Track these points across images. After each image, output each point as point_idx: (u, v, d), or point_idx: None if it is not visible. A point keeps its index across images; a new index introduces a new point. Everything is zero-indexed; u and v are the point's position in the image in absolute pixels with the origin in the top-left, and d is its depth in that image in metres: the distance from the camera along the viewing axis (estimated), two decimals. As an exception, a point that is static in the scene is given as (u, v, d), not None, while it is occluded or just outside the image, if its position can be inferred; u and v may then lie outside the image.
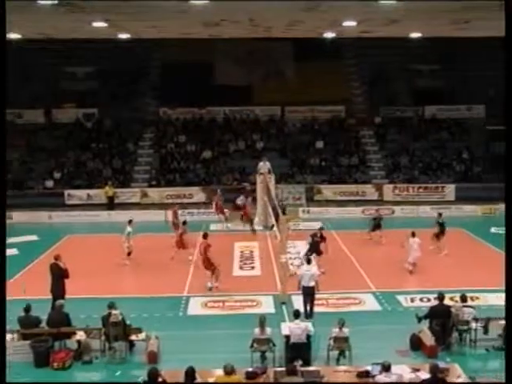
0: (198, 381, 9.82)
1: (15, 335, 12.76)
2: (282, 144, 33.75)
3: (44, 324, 13.03)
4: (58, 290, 14.64)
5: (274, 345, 12.23)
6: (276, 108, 35.91)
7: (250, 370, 10.70)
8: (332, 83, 35.55)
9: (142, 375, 10.59)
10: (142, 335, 12.96)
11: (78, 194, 29.89)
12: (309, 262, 15.38)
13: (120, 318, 12.68)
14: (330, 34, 21.58)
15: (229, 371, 9.94)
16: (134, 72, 36.58)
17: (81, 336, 12.86)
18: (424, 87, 36.59)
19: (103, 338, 12.77)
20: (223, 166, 32.36)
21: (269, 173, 25.73)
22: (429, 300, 15.62)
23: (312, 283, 14.63)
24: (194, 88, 33.97)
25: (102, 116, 35.17)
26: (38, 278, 14.96)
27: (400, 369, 10.53)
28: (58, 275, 14.76)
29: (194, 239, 21.16)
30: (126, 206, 29.03)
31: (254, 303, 16.09)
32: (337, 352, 12.34)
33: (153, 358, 12.33)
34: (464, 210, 28.52)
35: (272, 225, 19.97)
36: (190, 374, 9.70)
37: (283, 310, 15.38)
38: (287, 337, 12.14)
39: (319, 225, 19.94)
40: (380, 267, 19.14)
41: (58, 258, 15.10)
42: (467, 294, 13.96)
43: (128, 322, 12.94)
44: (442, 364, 10.58)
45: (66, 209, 28.71)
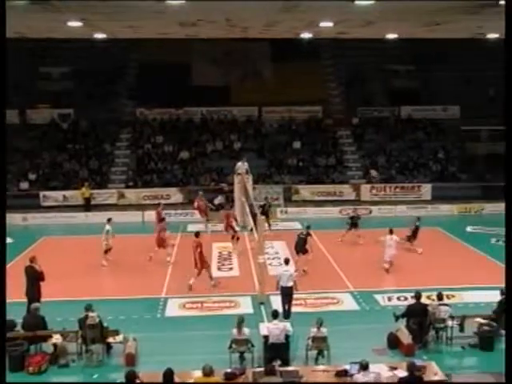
0: (176, 382, 9.77)
1: (-11, 339, 12.57)
2: (260, 144, 33.78)
3: (19, 327, 12.86)
4: (33, 293, 14.44)
5: (252, 345, 12.23)
6: (253, 108, 35.91)
7: (228, 370, 10.68)
8: (309, 84, 35.69)
9: (119, 378, 10.51)
10: (120, 337, 12.85)
11: (54, 196, 29.53)
12: (287, 262, 15.39)
13: (97, 320, 12.56)
14: (306, 35, 21.67)
15: (207, 372, 9.91)
16: (111, 72, 36.26)
17: (57, 339, 12.69)
18: (400, 87, 36.96)
19: (80, 340, 12.63)
20: (201, 167, 32.26)
21: (246, 173, 25.71)
22: (406, 299, 15.76)
23: (290, 283, 14.64)
24: (171, 88, 33.86)
25: (78, 117, 34.80)
26: (12, 280, 14.72)
27: (378, 367, 10.60)
28: (34, 278, 14.55)
29: (172, 240, 21.16)
30: (102, 208, 28.76)
31: (233, 304, 16.07)
32: (315, 352, 12.37)
33: (130, 360, 12.23)
34: (440, 209, 28.83)
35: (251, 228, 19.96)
36: (169, 375, 9.65)
37: (261, 311, 15.38)
38: (266, 337, 12.14)
39: (298, 225, 19.97)
40: (358, 267, 19.25)
41: (33, 260, 14.87)
42: (443, 293, 14.07)
43: (105, 325, 12.81)
44: (418, 362, 10.70)
45: (42, 210, 28.35)
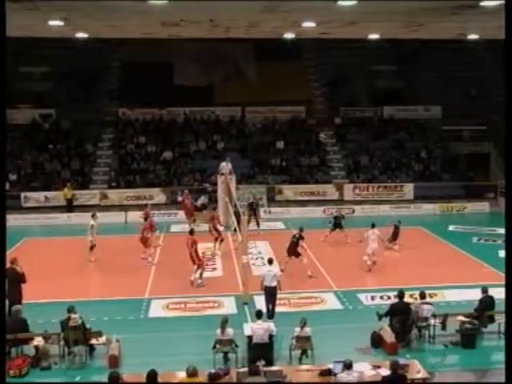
0: (160, 383, 9.72)
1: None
2: (243, 144, 33.77)
3: (0, 330, 12.71)
4: (14, 295, 14.24)
5: (236, 345, 12.22)
6: (236, 108, 35.90)
7: (212, 371, 10.64)
8: (292, 84, 35.77)
9: (102, 380, 10.42)
10: (103, 339, 12.74)
11: (35, 197, 29.27)
12: (270, 262, 15.39)
13: (80, 321, 12.45)
14: (289, 35, 21.69)
15: (191, 373, 9.87)
16: (93, 72, 35.97)
17: (39, 341, 12.55)
18: (383, 88, 37.20)
19: (62, 342, 12.49)
20: (184, 167, 32.18)
21: (230, 173, 25.69)
22: (389, 298, 15.84)
23: (274, 283, 14.65)
24: (154, 88, 33.68)
25: (60, 117, 34.53)
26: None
27: (361, 366, 10.64)
28: (15, 279, 14.37)
29: (158, 240, 21.12)
30: (85, 208, 28.53)
31: (216, 304, 16.03)
32: (299, 351, 12.38)
33: (114, 361, 12.13)
34: (422, 208, 29.05)
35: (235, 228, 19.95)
36: (152, 376, 9.58)
37: (245, 311, 15.37)
38: (249, 337, 12.13)
39: (282, 225, 19.97)
40: (341, 266, 19.31)
41: (14, 261, 14.68)
42: (426, 291, 14.18)
43: (88, 326, 12.69)
44: (402, 360, 10.75)
45: (23, 212, 28.06)
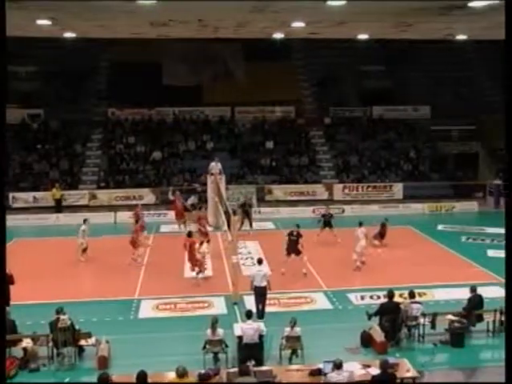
0: (149, 384, 9.70)
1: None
2: (233, 144, 33.75)
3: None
4: (2, 296, 14.18)
5: (226, 346, 12.20)
6: (226, 108, 35.90)
7: (202, 371, 10.63)
8: (282, 84, 35.80)
9: (92, 381, 10.38)
10: (92, 340, 12.67)
11: (24, 197, 29.09)
12: (260, 262, 15.39)
13: (69, 323, 12.37)
14: (278, 35, 21.72)
15: (181, 374, 9.86)
16: (81, 72, 35.83)
17: (27, 343, 12.47)
18: (372, 88, 37.31)
19: (51, 344, 12.42)
20: (173, 167, 32.12)
21: (219, 173, 25.66)
22: (378, 297, 15.88)
23: (264, 283, 14.65)
24: (143, 88, 33.59)
25: (48, 117, 34.35)
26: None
27: (351, 366, 10.66)
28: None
29: (148, 240, 21.04)
30: (74, 209, 28.44)
31: (206, 304, 16.01)
32: (289, 351, 12.39)
33: (103, 362, 12.08)
34: (411, 208, 29.14)
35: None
36: (142, 377, 9.56)
37: (235, 311, 15.35)
38: (240, 337, 12.12)
39: (272, 225, 19.97)
40: (330, 266, 19.34)
41: (2, 262, 14.62)
42: (415, 290, 14.24)
43: (77, 327, 12.63)
44: (391, 359, 10.77)
45: (12, 212, 27.74)
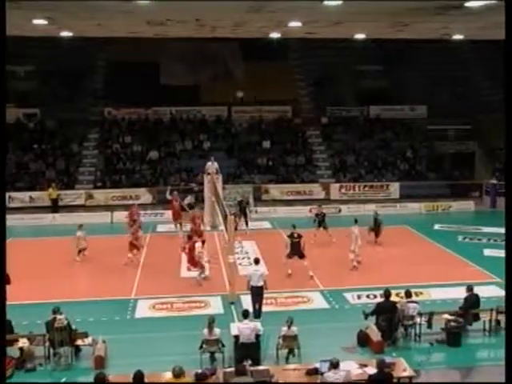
0: (146, 384, 9.69)
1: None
2: (229, 144, 33.76)
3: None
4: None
5: (223, 345, 12.19)
6: (223, 108, 35.90)
7: (199, 371, 10.61)
8: (278, 83, 35.83)
9: (88, 381, 10.36)
10: (89, 340, 12.65)
11: (20, 197, 29.04)
12: (257, 262, 15.38)
13: (65, 322, 12.34)
14: (275, 35, 21.72)
15: (177, 374, 9.83)
16: (78, 71, 35.79)
17: (24, 343, 12.44)
18: (369, 87, 37.38)
19: (47, 344, 12.40)
20: (170, 167, 32.10)
21: (216, 173, 25.65)
22: (375, 297, 15.90)
23: (261, 283, 14.65)
24: (139, 88, 33.58)
25: (45, 116, 34.30)
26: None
27: (348, 365, 10.65)
28: (-1, 280, 14.27)
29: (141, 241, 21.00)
30: (70, 209, 28.40)
31: (203, 304, 16.00)
32: (286, 351, 12.38)
33: (100, 362, 12.06)
34: (408, 207, 29.17)
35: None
36: (139, 377, 9.55)
37: (232, 310, 15.35)
38: (236, 337, 12.12)
39: (268, 224, 19.96)
40: (327, 265, 19.34)
41: (-2, 262, 14.59)
42: (412, 290, 14.25)
43: (74, 327, 12.60)
44: (388, 359, 10.79)
45: (8, 212, 27.59)
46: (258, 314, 14.40)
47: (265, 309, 14.80)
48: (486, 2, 14.20)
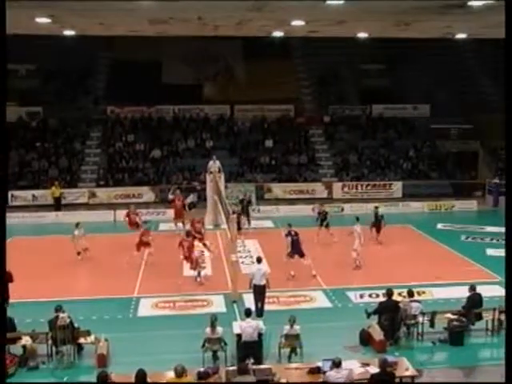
0: (149, 383, 9.68)
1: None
2: (232, 143, 33.75)
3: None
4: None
5: (225, 344, 12.20)
6: (225, 107, 35.88)
7: (201, 370, 10.64)
8: (281, 82, 35.84)
9: (91, 379, 10.38)
10: (91, 338, 12.68)
11: (23, 195, 29.08)
12: (259, 260, 15.38)
13: (68, 321, 12.38)
14: (278, 34, 21.67)
15: (179, 373, 9.84)
16: (81, 70, 35.85)
17: (26, 341, 12.49)
18: (371, 86, 37.32)
19: (50, 342, 12.43)
20: (173, 165, 32.11)
21: (219, 172, 25.65)
22: (377, 296, 15.88)
23: (263, 281, 14.66)
24: (142, 86, 33.62)
25: (47, 115, 34.32)
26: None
27: (350, 364, 10.67)
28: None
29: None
30: (73, 207, 28.43)
31: (205, 303, 16.01)
32: (288, 349, 12.39)
33: (102, 361, 12.08)
34: (411, 206, 29.12)
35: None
36: (141, 376, 9.55)
37: (234, 309, 15.35)
38: (239, 335, 12.13)
39: (271, 223, 19.93)
40: (330, 264, 19.32)
41: (1, 260, 14.61)
42: (414, 289, 14.24)
43: (76, 325, 12.64)
44: (390, 358, 10.78)
45: (11, 210, 27.74)
46: (260, 313, 14.41)
47: (267, 307, 14.81)
48: (489, 2, 14.16)
